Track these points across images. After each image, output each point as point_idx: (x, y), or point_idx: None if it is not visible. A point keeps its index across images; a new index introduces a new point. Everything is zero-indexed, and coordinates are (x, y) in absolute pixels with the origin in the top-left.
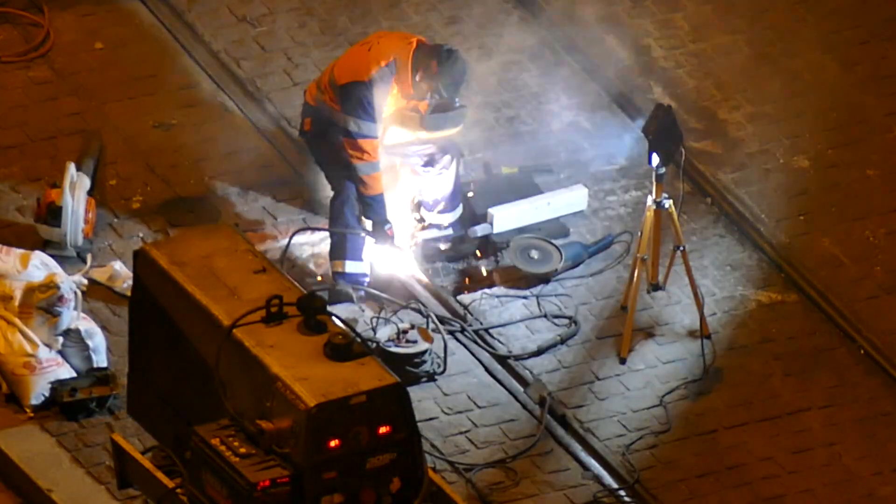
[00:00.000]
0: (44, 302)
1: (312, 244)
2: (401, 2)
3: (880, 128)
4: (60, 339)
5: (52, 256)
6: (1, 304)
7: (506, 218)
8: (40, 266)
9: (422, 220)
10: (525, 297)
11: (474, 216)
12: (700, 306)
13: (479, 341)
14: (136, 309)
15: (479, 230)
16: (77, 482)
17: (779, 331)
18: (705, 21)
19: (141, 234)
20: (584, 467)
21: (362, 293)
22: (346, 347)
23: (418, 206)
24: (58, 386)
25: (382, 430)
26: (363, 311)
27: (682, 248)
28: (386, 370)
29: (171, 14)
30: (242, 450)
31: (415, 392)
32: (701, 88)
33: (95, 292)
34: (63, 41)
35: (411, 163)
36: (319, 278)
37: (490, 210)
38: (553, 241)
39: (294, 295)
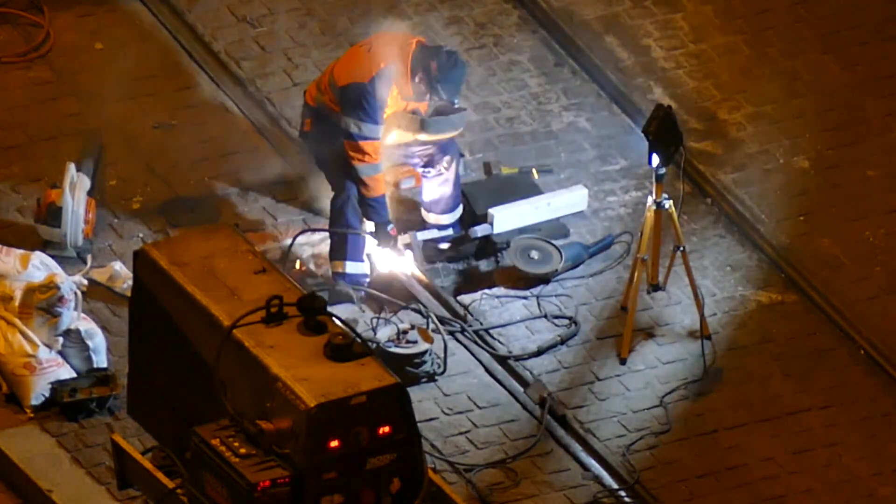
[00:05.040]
0: (44, 302)
1: (313, 245)
2: (401, 2)
3: (880, 128)
4: (60, 339)
5: (52, 257)
6: (1, 305)
7: (506, 218)
8: (40, 266)
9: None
10: (525, 298)
11: (474, 216)
12: (700, 307)
13: (479, 342)
14: (136, 309)
15: (479, 230)
16: (77, 483)
17: (779, 331)
18: (705, 22)
19: (141, 235)
20: (585, 468)
21: (362, 293)
22: (347, 348)
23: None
24: (58, 386)
25: (382, 430)
26: (363, 311)
27: (682, 249)
28: (386, 371)
29: (171, 14)
30: (242, 450)
31: (415, 392)
32: (701, 89)
33: (95, 293)
34: (63, 41)
35: (411, 164)
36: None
37: (490, 210)
38: (553, 242)
39: (294, 295)
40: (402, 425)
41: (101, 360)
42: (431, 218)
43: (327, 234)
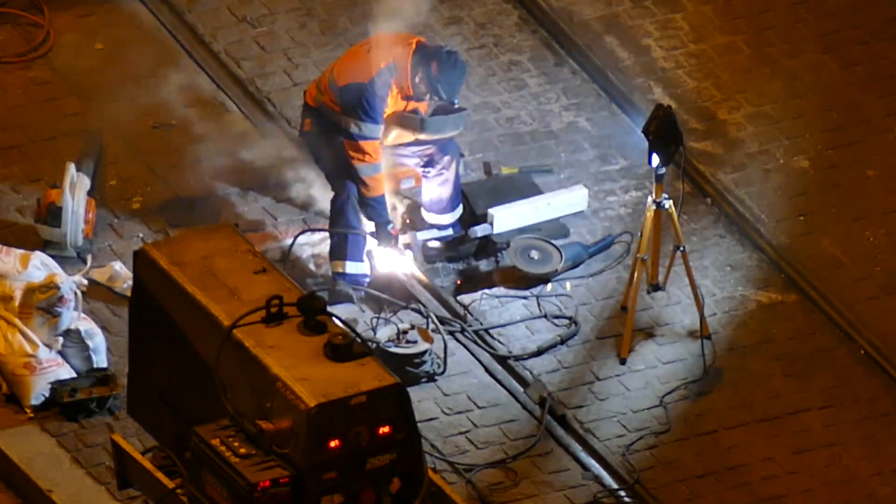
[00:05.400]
0: (44, 302)
1: (313, 245)
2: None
3: (880, 128)
4: (60, 339)
5: (52, 257)
6: (1, 305)
7: (506, 218)
8: (40, 266)
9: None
10: (525, 298)
11: (474, 216)
12: (700, 307)
13: (479, 342)
14: (136, 309)
15: (479, 230)
16: (77, 483)
17: (779, 331)
18: (705, 22)
19: (141, 235)
20: (584, 468)
21: (362, 293)
22: (346, 348)
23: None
24: (58, 386)
25: (382, 430)
26: (363, 311)
27: (682, 249)
28: (386, 370)
29: (171, 14)
30: (242, 450)
31: (415, 392)
32: (701, 89)
33: (95, 293)
34: (63, 41)
35: (411, 164)
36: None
37: (490, 210)
38: (553, 242)
39: (294, 295)
40: (402, 425)
41: (101, 360)
42: (431, 218)
43: (327, 233)
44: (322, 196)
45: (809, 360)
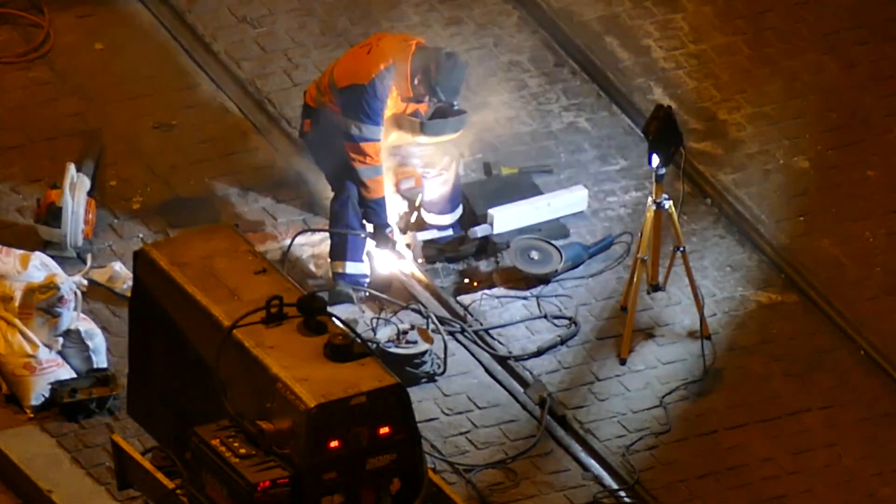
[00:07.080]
0: (44, 303)
1: (313, 245)
2: (401, 2)
3: (880, 128)
4: (60, 339)
5: (52, 257)
6: (1, 305)
7: (506, 219)
8: (40, 267)
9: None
10: (525, 298)
11: (474, 216)
12: (700, 307)
13: (479, 342)
14: (135, 310)
15: (479, 231)
16: (77, 483)
17: (779, 332)
18: (705, 22)
19: (141, 235)
20: (584, 468)
21: (362, 294)
22: (346, 348)
23: (417, 207)
24: (58, 387)
25: (382, 430)
26: (363, 311)
27: (682, 249)
28: (386, 371)
29: (171, 15)
30: (242, 450)
31: (415, 393)
32: (701, 89)
33: (95, 293)
34: (63, 42)
35: (411, 164)
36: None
37: (490, 211)
38: (553, 242)
39: (294, 295)
40: (402, 425)
41: (101, 361)
42: (431, 218)
43: (327, 234)
44: (322, 197)
45: (809, 360)
